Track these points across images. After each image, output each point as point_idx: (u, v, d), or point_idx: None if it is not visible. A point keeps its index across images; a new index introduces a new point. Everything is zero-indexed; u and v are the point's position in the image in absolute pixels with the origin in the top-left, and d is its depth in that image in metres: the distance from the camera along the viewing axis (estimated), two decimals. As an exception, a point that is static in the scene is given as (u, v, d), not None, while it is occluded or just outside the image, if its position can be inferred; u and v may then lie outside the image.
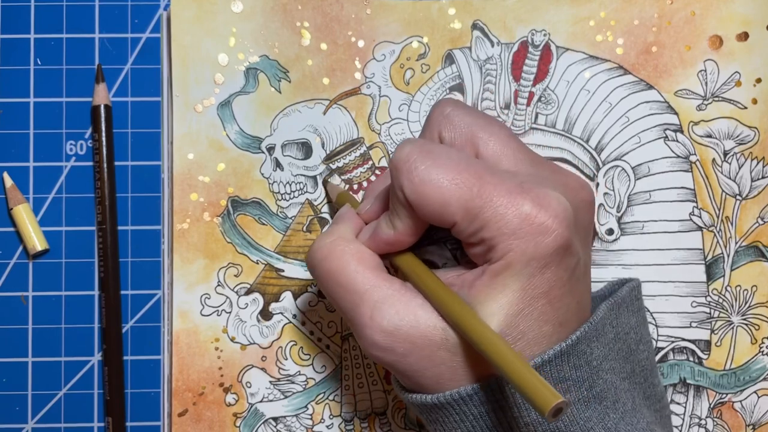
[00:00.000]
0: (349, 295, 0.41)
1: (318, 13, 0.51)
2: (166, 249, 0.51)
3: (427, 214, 0.39)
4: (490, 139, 0.42)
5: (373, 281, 0.41)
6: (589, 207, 0.42)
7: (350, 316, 0.41)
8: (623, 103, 0.51)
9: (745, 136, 0.51)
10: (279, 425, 0.50)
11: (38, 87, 0.51)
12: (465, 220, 0.38)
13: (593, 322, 0.40)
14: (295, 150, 0.51)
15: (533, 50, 0.51)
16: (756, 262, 0.51)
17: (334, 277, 0.41)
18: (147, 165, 0.51)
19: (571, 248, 0.38)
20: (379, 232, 0.42)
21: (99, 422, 0.51)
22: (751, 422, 0.51)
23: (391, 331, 0.39)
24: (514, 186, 0.38)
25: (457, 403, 0.39)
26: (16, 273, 0.51)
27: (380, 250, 0.43)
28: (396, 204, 0.41)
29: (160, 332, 0.51)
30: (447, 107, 0.43)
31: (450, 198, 0.38)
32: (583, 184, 0.43)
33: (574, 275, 0.39)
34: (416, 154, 0.39)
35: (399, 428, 0.51)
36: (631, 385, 0.42)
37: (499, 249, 0.38)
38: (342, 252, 0.42)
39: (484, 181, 0.38)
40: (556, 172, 0.42)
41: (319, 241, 0.43)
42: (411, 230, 0.41)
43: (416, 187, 0.39)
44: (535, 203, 0.38)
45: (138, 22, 0.51)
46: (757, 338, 0.51)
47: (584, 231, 0.42)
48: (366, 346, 0.40)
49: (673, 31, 0.51)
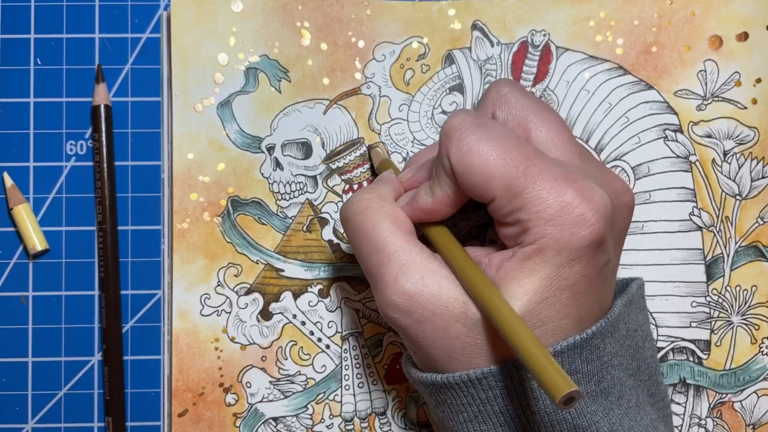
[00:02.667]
0: (377, 253, 0.41)
1: (318, 13, 0.51)
2: (166, 249, 0.51)
3: (469, 186, 0.39)
4: (543, 126, 0.42)
5: (403, 244, 0.40)
6: (628, 211, 0.42)
7: (374, 273, 0.41)
8: (623, 103, 0.51)
9: (744, 136, 0.51)
10: (279, 425, 0.50)
11: (38, 87, 0.51)
12: (505, 197, 0.38)
13: (610, 318, 0.40)
14: (295, 150, 0.51)
15: (533, 50, 0.51)
16: (756, 262, 0.51)
17: (366, 233, 0.41)
18: (147, 165, 0.51)
19: (604, 246, 0.38)
20: (418, 199, 0.42)
21: (99, 422, 0.51)
22: (751, 422, 0.51)
23: (411, 295, 0.39)
24: (560, 173, 0.38)
25: (466, 385, 0.39)
26: (16, 273, 0.51)
27: (416, 218, 0.42)
28: (440, 171, 0.41)
29: (160, 332, 0.51)
30: (504, 87, 0.43)
31: (495, 172, 0.38)
32: (626, 188, 0.42)
33: (602, 274, 0.39)
34: (468, 123, 0.39)
35: (399, 428, 0.51)
36: (636, 382, 0.42)
37: (533, 233, 0.38)
38: (378, 210, 0.42)
39: (531, 162, 0.38)
40: (602, 171, 0.42)
41: (358, 194, 0.43)
42: (450, 200, 0.41)
43: (463, 156, 0.39)
44: (578, 194, 0.38)
45: (138, 22, 0.51)
46: (757, 338, 0.51)
47: (619, 234, 0.41)
48: (384, 305, 0.40)
49: (673, 31, 0.51)
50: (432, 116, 0.51)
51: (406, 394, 0.51)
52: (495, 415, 0.39)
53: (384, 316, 0.41)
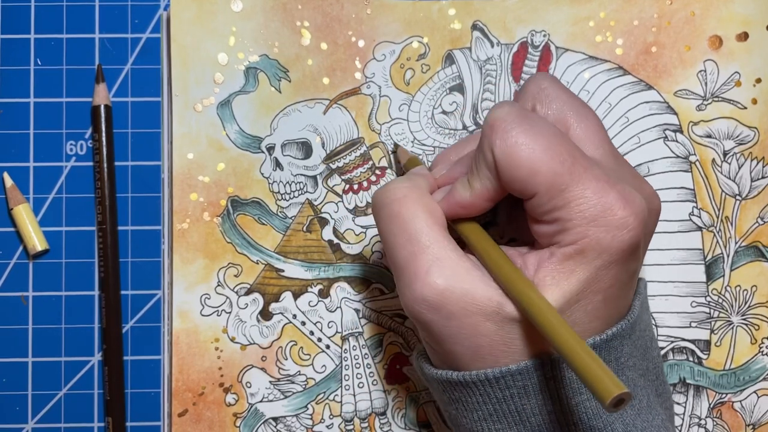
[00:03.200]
0: (410, 244, 0.39)
1: (318, 13, 0.51)
2: (166, 249, 0.51)
3: (512, 179, 0.38)
4: (582, 123, 0.41)
5: (439, 238, 0.39)
6: (657, 216, 0.41)
7: (403, 264, 0.40)
8: (623, 104, 0.51)
9: (744, 136, 0.51)
10: (279, 425, 0.50)
11: (38, 87, 0.51)
12: (548, 193, 0.37)
13: (630, 319, 0.40)
14: (295, 150, 0.51)
15: (533, 51, 0.51)
16: (756, 262, 0.51)
17: (400, 222, 0.40)
18: (147, 165, 0.51)
19: (638, 251, 0.38)
20: (455, 193, 0.41)
21: (99, 422, 0.51)
22: (751, 422, 0.51)
23: (442, 290, 0.38)
24: (603, 174, 0.38)
25: (483, 384, 0.39)
26: (16, 273, 0.51)
27: (452, 212, 0.41)
28: (480, 164, 0.40)
29: (160, 332, 0.51)
30: (545, 81, 0.42)
31: (541, 166, 0.37)
32: (655, 193, 0.42)
33: (632, 280, 0.39)
34: (514, 115, 0.38)
35: (399, 428, 0.51)
36: (646, 382, 0.42)
37: (573, 233, 0.37)
38: (416, 200, 0.40)
39: (577, 161, 0.37)
40: (635, 176, 0.42)
41: (395, 182, 0.42)
42: (489, 194, 0.40)
43: (509, 148, 0.38)
44: (621, 197, 0.37)
45: (138, 22, 0.51)
46: (757, 338, 0.51)
47: (648, 239, 0.41)
48: (411, 299, 0.39)
49: (673, 31, 0.51)
50: (432, 116, 0.51)
51: (406, 394, 0.51)
52: (510, 415, 0.39)
53: (407, 310, 0.40)
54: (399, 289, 0.40)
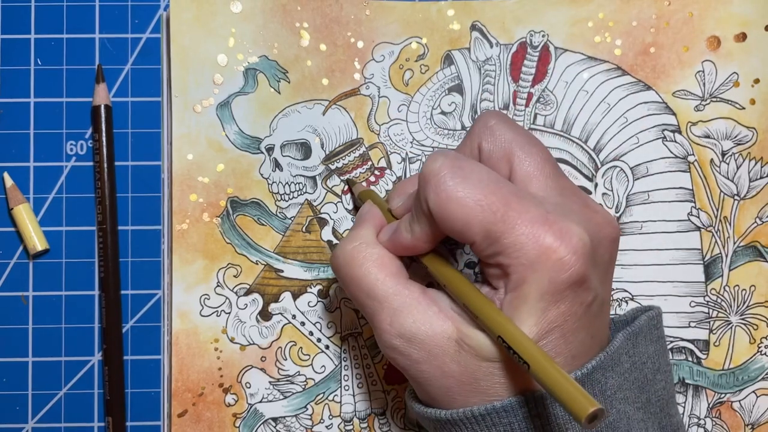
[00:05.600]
0: (369, 301, 0.42)
1: (317, 14, 0.51)
2: (166, 249, 0.51)
3: (448, 229, 0.39)
4: (526, 159, 0.42)
5: (392, 288, 0.41)
6: (611, 244, 0.42)
7: (371, 319, 0.42)
8: (621, 104, 0.51)
9: (743, 137, 0.51)
10: (278, 425, 0.50)
11: (38, 87, 0.51)
12: (484, 242, 0.38)
13: (609, 351, 0.40)
14: (295, 150, 0.51)
15: (532, 51, 0.51)
16: (754, 262, 0.51)
17: (355, 283, 0.42)
18: (147, 165, 0.51)
19: (586, 284, 0.38)
20: (398, 235, 0.43)
21: (99, 422, 0.51)
22: (750, 422, 0.51)
23: (408, 337, 0.40)
24: (539, 216, 0.38)
25: (469, 422, 0.39)
26: (16, 273, 0.51)
27: (397, 253, 0.43)
28: (419, 212, 0.41)
29: (160, 332, 0.51)
30: (492, 119, 0.43)
31: (473, 219, 0.38)
32: (609, 220, 0.42)
33: (590, 310, 0.39)
34: (447, 168, 0.39)
35: (399, 428, 0.51)
36: (646, 415, 0.41)
37: (514, 278, 0.38)
38: (364, 258, 0.42)
39: (510, 207, 0.38)
40: (583, 206, 0.42)
41: (342, 245, 0.43)
42: (429, 238, 0.42)
43: (441, 202, 0.39)
44: (556, 237, 0.37)
45: (138, 22, 0.52)
46: (756, 338, 0.51)
47: (604, 267, 0.41)
48: (384, 347, 0.41)
49: (672, 32, 0.52)
50: (431, 117, 0.51)
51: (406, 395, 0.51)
52: None
53: (386, 356, 0.42)
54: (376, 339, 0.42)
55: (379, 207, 0.46)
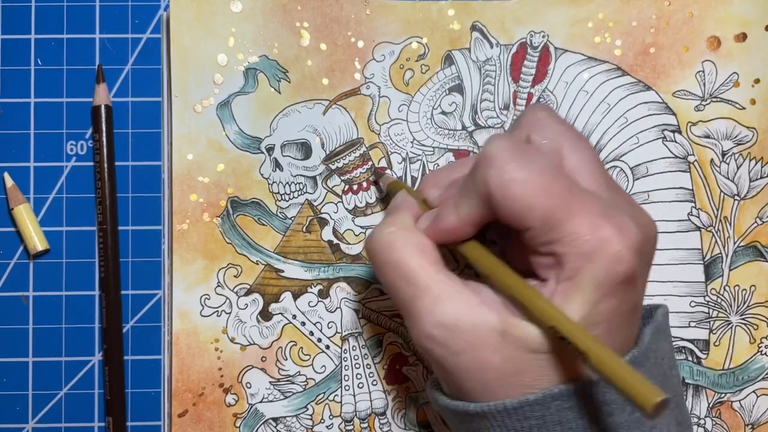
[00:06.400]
0: (409, 288, 0.40)
1: (317, 14, 0.51)
2: (166, 249, 0.51)
3: (505, 213, 0.38)
4: (576, 154, 0.41)
5: (435, 275, 0.40)
6: (654, 244, 0.41)
7: (407, 306, 0.40)
8: (621, 104, 0.51)
9: (743, 137, 0.51)
10: (279, 425, 0.50)
11: (39, 87, 0.51)
12: (543, 228, 0.38)
13: (642, 347, 0.40)
14: (295, 150, 0.51)
15: (532, 51, 0.51)
16: (754, 261, 0.51)
17: (394, 268, 0.41)
18: (147, 165, 0.51)
19: (635, 282, 0.38)
20: (442, 219, 0.41)
21: (100, 422, 0.51)
22: (750, 422, 0.51)
23: (449, 327, 0.39)
24: (598, 208, 0.38)
25: (501, 415, 0.38)
26: (16, 273, 0.51)
27: (439, 239, 0.42)
28: (470, 192, 0.40)
29: (160, 332, 0.51)
30: (541, 112, 0.42)
31: (535, 203, 0.37)
32: (651, 221, 0.41)
33: (635, 310, 0.39)
34: (510, 150, 0.38)
35: (399, 428, 0.51)
36: (666, 411, 0.41)
37: (569, 268, 0.37)
38: (404, 244, 0.41)
39: (573, 195, 0.38)
40: (630, 203, 0.41)
41: (380, 230, 0.42)
42: (476, 221, 0.40)
43: (504, 183, 0.38)
44: (616, 230, 0.37)
45: (138, 22, 0.52)
46: (756, 338, 0.51)
47: (646, 267, 0.41)
48: (420, 337, 0.40)
49: (671, 32, 0.52)
50: (431, 116, 0.51)
51: (406, 395, 0.51)
52: None
53: (419, 347, 0.40)
54: (408, 327, 0.41)
55: (414, 197, 0.45)
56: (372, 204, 0.51)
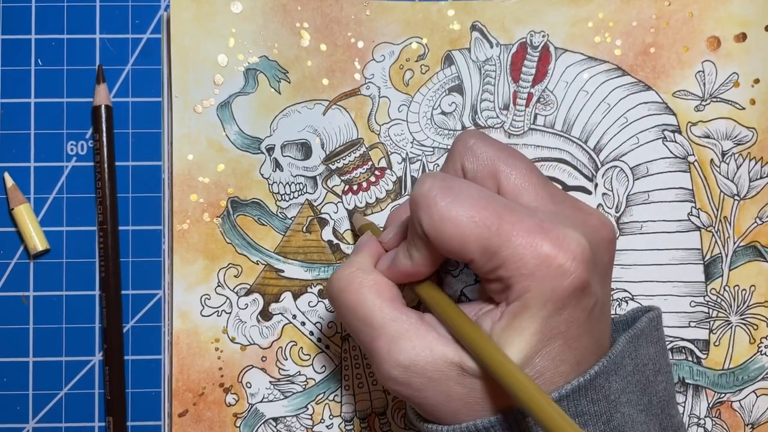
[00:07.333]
0: (366, 328, 0.41)
1: (317, 14, 0.51)
2: (167, 249, 0.51)
3: (445, 250, 0.39)
4: (512, 173, 0.41)
5: (390, 315, 0.41)
6: (609, 246, 0.41)
7: (367, 348, 0.41)
8: (622, 104, 0.51)
9: (743, 137, 0.51)
10: (279, 425, 0.50)
11: (39, 87, 0.51)
12: (483, 258, 0.38)
13: (612, 356, 0.40)
14: (295, 150, 0.51)
15: (532, 51, 0.51)
16: (754, 261, 0.51)
17: (351, 310, 0.41)
18: (148, 165, 0.51)
19: (588, 289, 0.38)
20: (397, 262, 0.42)
21: (100, 422, 0.51)
22: (750, 422, 0.51)
23: (407, 366, 0.39)
24: (534, 225, 0.38)
25: None
26: (16, 273, 0.51)
27: (398, 280, 0.43)
28: (414, 236, 0.41)
29: (160, 332, 0.51)
30: (470, 139, 0.43)
31: (468, 236, 0.38)
32: (604, 222, 0.42)
33: (592, 315, 0.39)
34: (437, 189, 0.39)
35: (399, 428, 0.51)
36: (648, 417, 0.41)
37: (516, 289, 0.38)
38: (360, 284, 0.42)
39: (504, 219, 0.38)
40: (576, 210, 0.42)
41: (339, 272, 0.43)
42: (428, 262, 0.41)
43: (435, 223, 0.38)
44: (554, 244, 0.37)
45: (139, 22, 0.52)
46: (756, 338, 0.51)
47: (603, 270, 0.41)
48: (383, 379, 0.40)
49: (671, 32, 0.52)
50: (431, 117, 0.51)
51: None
52: None
53: (384, 386, 0.41)
54: (373, 370, 0.42)
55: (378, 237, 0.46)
56: (372, 204, 0.51)
